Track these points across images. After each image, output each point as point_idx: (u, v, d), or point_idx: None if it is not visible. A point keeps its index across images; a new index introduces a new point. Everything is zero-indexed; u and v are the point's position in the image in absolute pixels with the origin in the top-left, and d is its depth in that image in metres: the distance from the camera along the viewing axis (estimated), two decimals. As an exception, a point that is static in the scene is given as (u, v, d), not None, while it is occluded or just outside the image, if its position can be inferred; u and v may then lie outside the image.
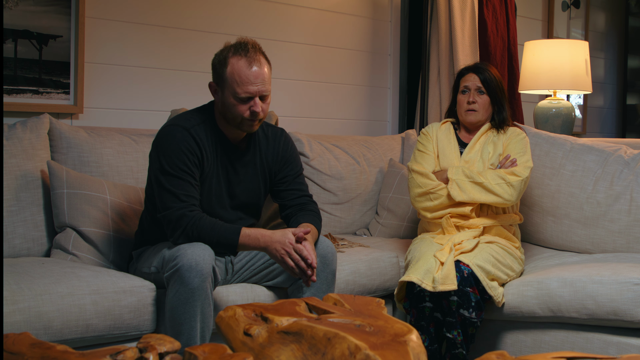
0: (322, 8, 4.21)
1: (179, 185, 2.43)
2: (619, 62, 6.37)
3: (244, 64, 2.45)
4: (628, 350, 2.67)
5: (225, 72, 2.46)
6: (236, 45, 2.49)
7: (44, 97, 3.19)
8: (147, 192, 2.63)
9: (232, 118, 2.51)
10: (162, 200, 2.45)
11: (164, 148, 2.47)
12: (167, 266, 2.36)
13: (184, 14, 3.65)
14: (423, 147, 3.12)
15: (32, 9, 3.12)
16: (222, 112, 2.54)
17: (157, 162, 2.47)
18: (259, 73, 2.46)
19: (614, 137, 5.85)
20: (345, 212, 3.75)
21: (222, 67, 2.48)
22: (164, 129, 2.52)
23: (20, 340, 1.72)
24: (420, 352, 1.55)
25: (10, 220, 2.72)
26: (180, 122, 2.52)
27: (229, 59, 2.47)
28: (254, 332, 1.70)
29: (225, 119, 2.54)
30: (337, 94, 4.32)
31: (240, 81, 2.45)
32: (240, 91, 2.45)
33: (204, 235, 2.39)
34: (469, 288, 2.69)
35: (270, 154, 2.69)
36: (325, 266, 2.56)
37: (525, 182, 2.93)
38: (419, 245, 2.90)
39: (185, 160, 2.45)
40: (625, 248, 3.17)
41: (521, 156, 2.99)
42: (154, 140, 2.54)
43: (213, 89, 2.55)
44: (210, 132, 2.55)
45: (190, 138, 2.48)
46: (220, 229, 2.42)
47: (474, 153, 3.04)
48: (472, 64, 3.16)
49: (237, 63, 2.45)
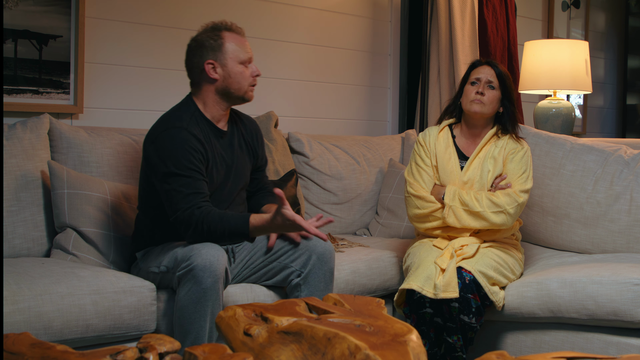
0: (322, 8, 4.21)
1: (187, 184, 2.45)
2: (619, 62, 6.37)
3: (235, 35, 2.62)
4: (628, 350, 2.67)
5: (225, 44, 2.58)
6: (215, 25, 2.63)
7: (44, 97, 3.19)
8: (141, 196, 2.64)
9: (239, 87, 2.60)
10: (170, 203, 2.46)
11: (169, 151, 2.47)
12: (179, 265, 2.37)
13: (184, 14, 3.65)
14: (420, 160, 3.00)
15: (32, 9, 3.12)
16: (223, 88, 2.59)
17: (163, 166, 2.47)
18: (247, 41, 2.66)
19: (614, 137, 5.85)
20: (345, 212, 3.75)
21: (218, 41, 2.58)
22: (161, 134, 2.52)
23: (20, 340, 1.72)
24: (420, 352, 1.55)
25: (10, 220, 2.72)
26: (176, 124, 2.53)
27: (221, 34, 2.60)
28: (254, 332, 1.70)
29: (227, 94, 2.60)
30: (337, 94, 4.32)
31: (240, 46, 2.61)
32: (243, 56, 2.60)
33: (214, 229, 2.41)
34: (470, 294, 2.68)
35: (249, 135, 2.77)
36: (323, 264, 2.56)
37: (523, 205, 2.88)
38: (418, 250, 2.87)
39: (191, 159, 2.47)
40: (625, 248, 3.17)
41: (520, 176, 2.91)
42: (151, 147, 2.52)
43: (211, 66, 2.58)
44: (201, 124, 2.58)
45: (191, 136, 2.50)
46: (230, 220, 2.44)
47: (473, 171, 2.93)
48: (484, 59, 3.08)
49: (231, 35, 2.61)
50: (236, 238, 2.48)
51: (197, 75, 2.61)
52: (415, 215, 2.94)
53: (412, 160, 3.03)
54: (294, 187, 3.43)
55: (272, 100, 3.99)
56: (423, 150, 3.01)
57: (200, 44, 2.59)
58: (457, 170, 2.95)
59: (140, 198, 2.65)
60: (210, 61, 2.57)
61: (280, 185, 3.34)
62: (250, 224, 2.43)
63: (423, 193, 2.92)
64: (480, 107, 2.93)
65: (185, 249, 2.39)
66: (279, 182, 3.35)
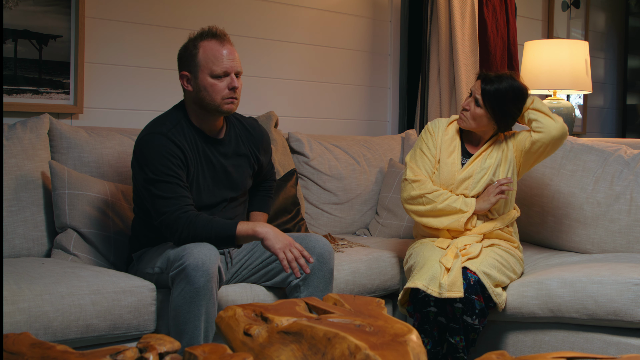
0: (322, 8, 4.21)
1: (168, 189, 2.43)
2: (619, 62, 6.37)
3: (216, 44, 2.50)
4: (628, 350, 2.67)
5: (198, 56, 2.49)
6: (202, 32, 2.53)
7: (44, 97, 3.19)
8: (134, 200, 2.64)
9: (211, 101, 2.51)
10: (155, 208, 2.45)
11: (145, 157, 2.46)
12: (172, 265, 2.36)
13: (183, 14, 3.65)
14: (426, 148, 2.97)
15: (32, 9, 3.12)
16: (197, 100, 2.53)
17: (142, 173, 2.47)
18: (232, 51, 2.52)
19: (614, 137, 5.85)
20: (345, 212, 3.75)
21: (193, 52, 2.50)
22: (141, 139, 2.51)
23: (20, 340, 1.72)
24: (420, 352, 1.55)
25: (10, 220, 2.72)
26: (156, 129, 2.51)
27: (199, 44, 2.50)
28: (254, 332, 1.70)
29: (202, 106, 2.53)
30: (337, 94, 4.32)
31: (215, 59, 2.49)
32: (216, 68, 2.48)
33: (200, 233, 2.40)
34: (474, 296, 2.67)
35: (250, 142, 2.72)
36: (323, 265, 2.56)
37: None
38: (421, 250, 2.85)
39: (168, 164, 2.45)
40: (625, 248, 3.17)
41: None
42: (134, 152, 2.53)
43: (185, 78, 2.53)
44: (187, 131, 2.55)
45: (170, 142, 2.47)
46: (216, 225, 2.42)
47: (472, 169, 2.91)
48: (491, 73, 2.91)
49: (209, 44, 2.49)
50: (222, 244, 2.45)
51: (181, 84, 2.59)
52: (410, 196, 2.91)
53: (417, 147, 3.01)
54: (294, 187, 3.43)
55: (272, 100, 3.99)
56: (431, 140, 2.98)
57: (181, 53, 2.55)
58: (458, 164, 2.93)
59: (134, 200, 2.65)
60: (185, 73, 2.53)
61: (280, 185, 3.34)
62: (237, 232, 2.42)
63: (422, 177, 2.92)
64: (462, 123, 2.92)
65: (177, 249, 2.38)
66: (279, 182, 3.35)
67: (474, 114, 2.88)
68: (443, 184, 2.93)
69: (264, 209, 2.88)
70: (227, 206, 2.65)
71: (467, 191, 2.91)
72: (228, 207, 2.65)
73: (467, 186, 2.91)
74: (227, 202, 2.65)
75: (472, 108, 2.88)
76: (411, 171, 2.95)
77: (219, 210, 2.61)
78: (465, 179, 2.91)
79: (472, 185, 2.91)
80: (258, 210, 2.86)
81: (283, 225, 3.25)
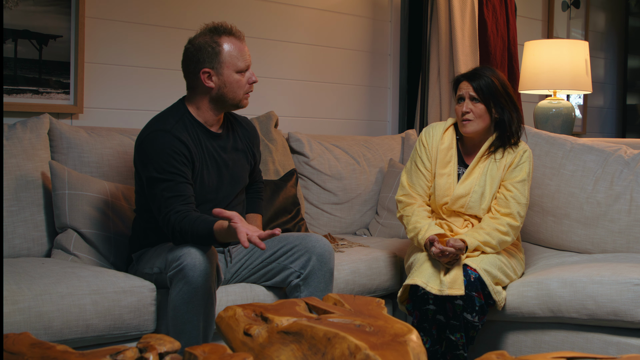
0: (322, 8, 4.21)
1: (168, 187, 2.42)
2: (619, 62, 6.37)
3: (235, 40, 2.55)
4: (628, 350, 2.67)
5: (222, 52, 2.52)
6: (215, 28, 2.55)
7: (44, 97, 3.19)
8: (136, 200, 2.64)
9: (234, 96, 2.56)
10: (155, 207, 2.45)
11: (150, 155, 2.46)
12: (170, 265, 2.35)
13: (183, 14, 3.65)
14: (420, 163, 2.94)
15: (32, 9, 3.12)
16: (218, 96, 2.55)
17: (146, 170, 2.47)
18: (246, 46, 2.59)
19: (614, 137, 5.85)
20: (345, 212, 3.75)
21: (216, 49, 2.51)
22: (145, 138, 2.51)
23: (20, 340, 1.72)
24: (420, 352, 1.55)
25: (10, 220, 2.72)
26: (160, 126, 2.51)
27: (219, 40, 2.52)
28: (254, 332, 1.70)
29: (222, 101, 2.56)
30: (337, 94, 4.32)
31: (238, 55, 2.54)
32: (240, 64, 2.54)
33: (185, 234, 2.36)
34: (474, 292, 2.67)
35: (246, 137, 2.75)
36: (323, 265, 2.56)
37: (520, 225, 2.86)
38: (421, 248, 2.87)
39: (172, 162, 2.45)
40: (625, 248, 3.17)
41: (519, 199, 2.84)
42: (137, 150, 2.53)
43: (207, 74, 2.53)
44: (190, 127, 2.56)
45: (174, 139, 2.48)
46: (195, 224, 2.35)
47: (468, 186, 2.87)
48: (467, 71, 2.94)
49: (229, 40, 2.54)
50: (204, 243, 2.37)
51: (193, 80, 2.57)
52: (399, 214, 2.95)
53: (412, 160, 2.99)
54: (294, 187, 3.43)
55: (272, 100, 3.99)
56: (425, 153, 2.94)
57: (197, 49, 2.53)
58: (454, 176, 2.90)
59: (136, 200, 2.65)
60: (206, 69, 2.52)
61: (280, 185, 3.34)
62: (214, 231, 2.32)
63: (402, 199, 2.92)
64: (470, 127, 2.86)
65: (176, 249, 2.37)
66: (279, 182, 3.35)
67: (477, 112, 2.85)
68: (438, 199, 2.89)
69: (257, 211, 2.88)
70: (230, 202, 2.65)
71: (462, 209, 2.88)
72: (231, 205, 2.65)
73: (463, 204, 2.87)
74: (230, 197, 2.65)
75: (473, 108, 2.86)
76: (401, 189, 2.96)
77: (222, 206, 2.61)
78: (461, 197, 2.87)
79: (470, 204, 2.86)
80: (252, 212, 2.87)
81: (283, 225, 3.25)
